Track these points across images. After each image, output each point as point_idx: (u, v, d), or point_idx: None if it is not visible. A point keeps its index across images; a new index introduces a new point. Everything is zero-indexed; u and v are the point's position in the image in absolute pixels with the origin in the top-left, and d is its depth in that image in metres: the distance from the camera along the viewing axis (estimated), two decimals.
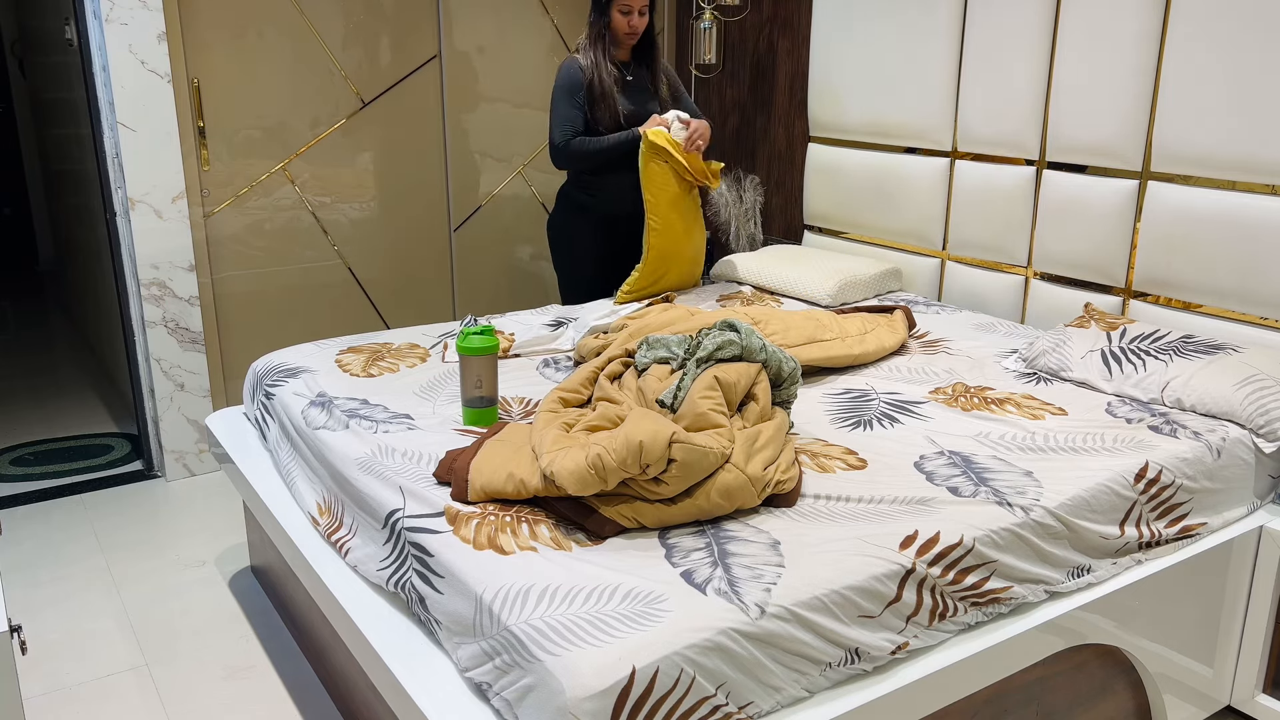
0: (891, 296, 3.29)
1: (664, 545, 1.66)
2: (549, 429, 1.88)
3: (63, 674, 2.42)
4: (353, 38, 3.65)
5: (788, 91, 3.82)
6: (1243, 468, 2.14)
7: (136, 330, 3.40)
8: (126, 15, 3.14)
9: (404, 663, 1.63)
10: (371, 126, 3.76)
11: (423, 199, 3.93)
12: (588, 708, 1.34)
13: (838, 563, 1.61)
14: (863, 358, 2.57)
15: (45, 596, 2.76)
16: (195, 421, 3.51)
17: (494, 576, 1.57)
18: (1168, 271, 2.64)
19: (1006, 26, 2.91)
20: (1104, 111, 2.71)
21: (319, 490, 2.15)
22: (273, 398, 2.48)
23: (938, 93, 3.15)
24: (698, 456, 1.69)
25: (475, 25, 3.89)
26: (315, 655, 2.39)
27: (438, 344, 2.78)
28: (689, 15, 4.17)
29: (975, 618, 1.73)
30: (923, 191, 3.25)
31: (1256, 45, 2.37)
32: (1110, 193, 2.74)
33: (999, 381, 2.46)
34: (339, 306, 3.84)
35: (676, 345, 2.12)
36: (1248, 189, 2.47)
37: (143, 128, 3.24)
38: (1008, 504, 1.81)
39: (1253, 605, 2.20)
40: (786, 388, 2.05)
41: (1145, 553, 2.00)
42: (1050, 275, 2.96)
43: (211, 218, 3.52)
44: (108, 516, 3.23)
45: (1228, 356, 2.31)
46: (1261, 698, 2.24)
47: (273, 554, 2.59)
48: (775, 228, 4.01)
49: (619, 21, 3.11)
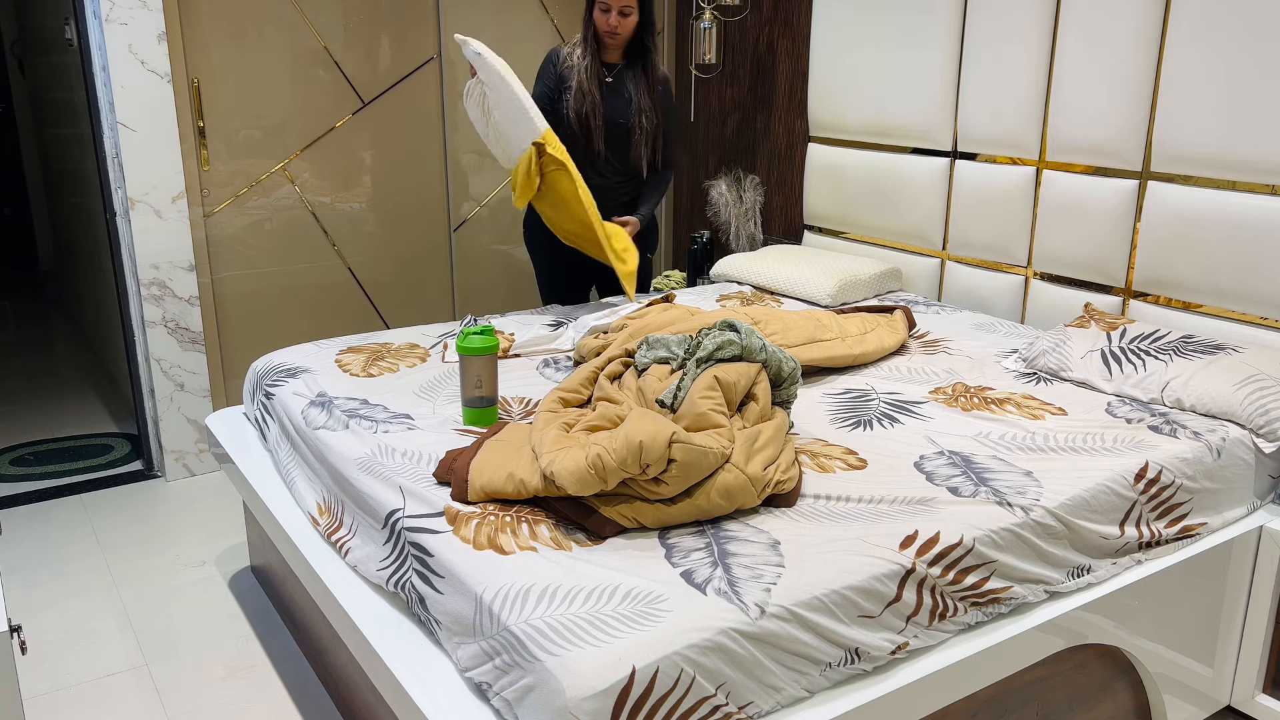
0: (891, 296, 3.29)
1: (664, 545, 1.66)
2: (549, 429, 1.88)
3: (63, 674, 2.42)
4: (352, 38, 3.65)
5: (788, 91, 3.82)
6: (1243, 468, 2.14)
7: (136, 330, 3.40)
8: (126, 15, 3.14)
9: (404, 663, 1.63)
10: (371, 126, 3.76)
11: (423, 199, 3.93)
12: (588, 708, 1.34)
13: (838, 563, 1.61)
14: (863, 358, 2.57)
15: (45, 596, 2.76)
16: (195, 421, 3.51)
17: (494, 576, 1.57)
18: (1168, 271, 2.64)
19: (1006, 26, 2.91)
20: (1104, 111, 2.71)
21: (319, 490, 2.15)
22: (273, 398, 2.48)
23: (938, 93, 3.15)
24: (698, 456, 1.69)
25: (475, 25, 3.89)
26: (315, 655, 2.39)
27: (438, 344, 2.78)
28: (689, 15, 4.18)
29: (975, 618, 1.73)
30: (923, 191, 3.25)
31: (1257, 45, 2.37)
32: (1110, 193, 2.74)
33: (999, 381, 2.46)
34: (339, 306, 3.84)
35: (676, 345, 2.12)
36: (1248, 189, 2.47)
37: (143, 128, 3.24)
38: (1008, 504, 1.81)
39: (1253, 605, 2.20)
40: (786, 388, 2.05)
41: (1145, 553, 2.00)
42: (1050, 275, 2.96)
43: (211, 218, 3.52)
44: (107, 516, 3.23)
45: (1228, 356, 2.32)
46: (1261, 698, 2.24)
47: (273, 554, 2.59)
48: (775, 228, 4.01)
49: (599, 20, 3.04)
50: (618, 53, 3.15)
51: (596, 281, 3.42)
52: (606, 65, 3.14)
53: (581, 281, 3.37)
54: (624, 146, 3.17)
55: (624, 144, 3.17)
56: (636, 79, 3.14)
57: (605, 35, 3.05)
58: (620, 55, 3.16)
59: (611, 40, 3.07)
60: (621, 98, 3.14)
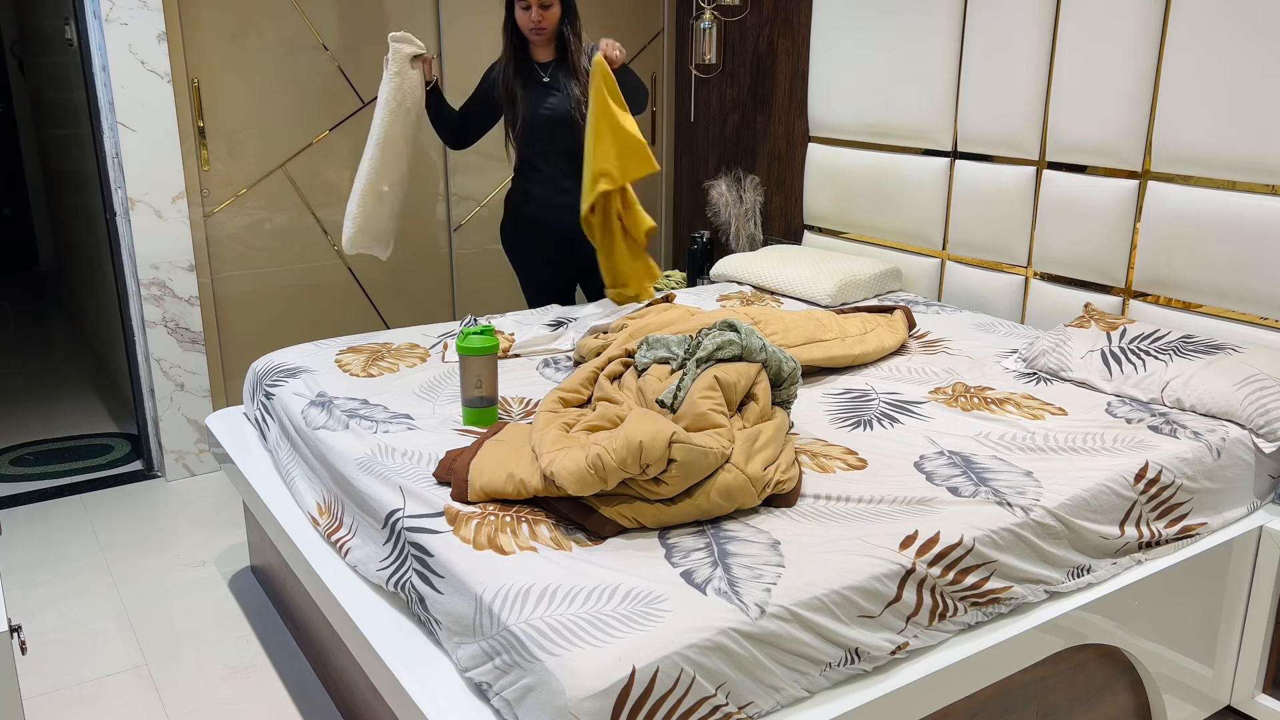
0: (891, 296, 3.29)
1: (664, 545, 1.66)
2: (549, 429, 1.88)
3: (63, 674, 2.42)
4: (352, 38, 3.65)
5: (788, 91, 3.82)
6: (1243, 468, 2.14)
7: (136, 330, 3.40)
8: (126, 15, 3.14)
9: (404, 663, 1.63)
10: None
11: (423, 199, 3.93)
12: (588, 708, 1.34)
13: (838, 563, 1.61)
14: (863, 358, 2.57)
15: (45, 596, 2.76)
16: (195, 421, 3.51)
17: (494, 576, 1.57)
18: (1168, 271, 2.64)
19: (1006, 26, 2.91)
20: (1104, 111, 2.71)
21: (319, 490, 2.15)
22: (273, 398, 2.48)
23: (938, 93, 3.15)
24: (698, 456, 1.69)
25: (475, 25, 3.89)
26: (315, 655, 2.39)
27: (438, 344, 2.78)
28: (689, 15, 4.18)
29: (975, 618, 1.73)
30: (923, 191, 3.25)
31: (1256, 45, 2.37)
32: (1110, 193, 2.74)
33: (999, 381, 2.46)
34: (339, 306, 3.84)
35: (676, 345, 2.12)
36: (1248, 189, 2.47)
37: (143, 128, 3.24)
38: (1008, 504, 1.81)
39: (1253, 605, 2.20)
40: (786, 388, 2.05)
41: (1145, 553, 2.00)
42: (1050, 275, 2.96)
43: (211, 218, 3.52)
44: (107, 516, 3.23)
45: (1228, 356, 2.32)
46: (1261, 698, 2.24)
47: (273, 554, 2.59)
48: (775, 228, 4.01)
49: (521, 18, 2.99)
50: (548, 49, 3.10)
51: (582, 284, 3.39)
52: (540, 65, 3.11)
53: (566, 284, 3.34)
54: (567, 140, 3.10)
55: (566, 138, 3.10)
56: (568, 72, 3.09)
57: (531, 33, 3.01)
58: (551, 52, 3.11)
59: (538, 37, 3.03)
60: (561, 93, 3.09)
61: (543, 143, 3.12)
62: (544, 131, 3.10)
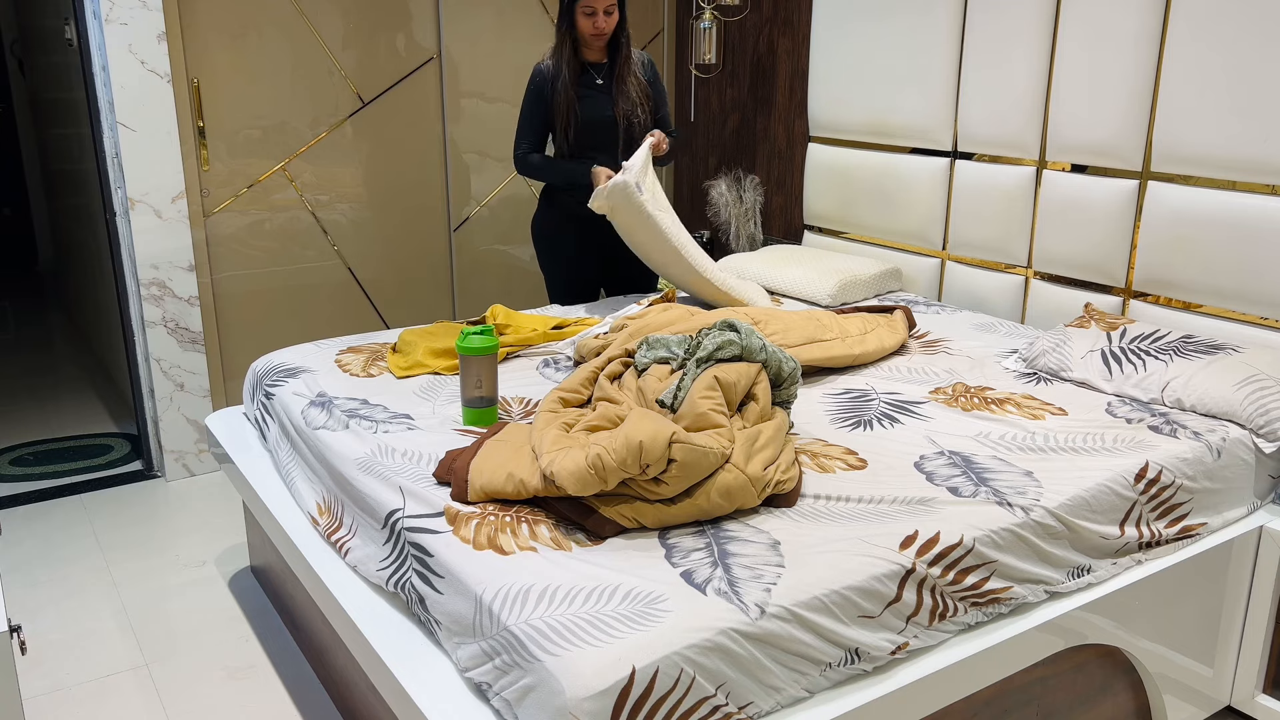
0: (891, 296, 3.29)
1: (664, 545, 1.66)
2: (549, 429, 1.88)
3: (63, 674, 2.42)
4: (352, 38, 3.65)
5: (788, 91, 3.82)
6: (1243, 468, 2.14)
7: (136, 330, 3.40)
8: (126, 15, 3.14)
9: (404, 663, 1.63)
10: (371, 126, 3.76)
11: (422, 199, 3.93)
12: (588, 708, 1.34)
13: (838, 563, 1.61)
14: (863, 358, 2.57)
15: (45, 596, 2.76)
16: (195, 421, 3.51)
17: (494, 576, 1.57)
18: (1168, 271, 2.64)
19: (1006, 26, 2.91)
20: (1104, 111, 2.71)
21: (319, 490, 2.15)
22: (272, 398, 2.48)
23: (938, 93, 3.15)
24: (698, 456, 1.69)
25: (475, 25, 3.89)
26: (315, 655, 2.38)
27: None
28: (689, 15, 4.17)
29: (975, 618, 1.73)
30: (923, 191, 3.25)
31: (1257, 45, 2.37)
32: (1110, 193, 2.74)
33: (999, 381, 2.46)
34: (339, 306, 3.84)
35: (676, 345, 2.12)
36: (1248, 189, 2.47)
37: (143, 128, 3.24)
38: (1008, 504, 1.81)
39: (1253, 605, 2.20)
40: (786, 388, 2.05)
41: (1145, 553, 2.00)
42: (1050, 275, 2.96)
43: (211, 218, 3.52)
44: (107, 516, 3.23)
45: (1228, 356, 2.31)
46: (1261, 698, 2.24)
47: (273, 554, 2.59)
48: (775, 228, 4.01)
49: (584, 24, 3.04)
50: (601, 52, 3.16)
51: (604, 284, 3.42)
52: (593, 67, 3.15)
53: (590, 283, 3.37)
54: (612, 140, 3.16)
55: (612, 138, 3.16)
56: (624, 74, 3.15)
57: (593, 38, 3.06)
58: (603, 54, 3.16)
59: (599, 42, 3.09)
60: (609, 95, 3.15)
61: (594, 143, 3.17)
62: (599, 132, 3.15)
